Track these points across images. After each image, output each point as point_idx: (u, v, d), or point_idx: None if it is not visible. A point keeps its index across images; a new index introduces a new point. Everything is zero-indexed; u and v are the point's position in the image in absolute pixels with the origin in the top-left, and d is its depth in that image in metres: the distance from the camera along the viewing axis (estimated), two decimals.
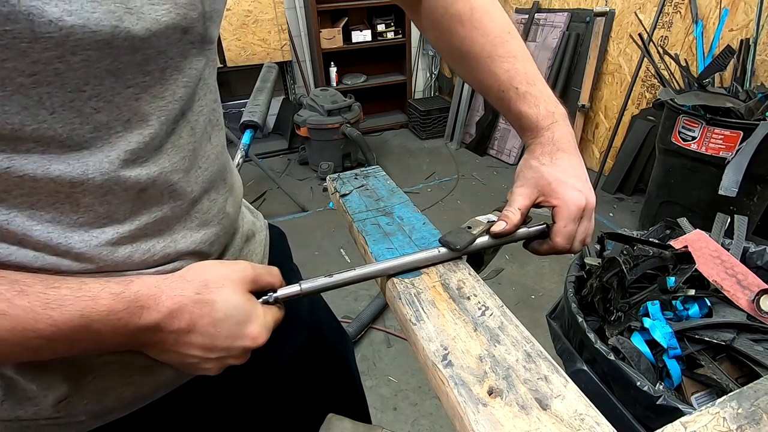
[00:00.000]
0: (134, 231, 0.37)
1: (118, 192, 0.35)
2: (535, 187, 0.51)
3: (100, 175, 0.33)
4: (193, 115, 0.40)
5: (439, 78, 4.17)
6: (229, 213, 0.48)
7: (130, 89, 0.33)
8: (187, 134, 0.39)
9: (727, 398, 0.40)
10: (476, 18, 0.52)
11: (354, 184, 0.89)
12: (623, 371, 0.74)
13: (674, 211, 1.98)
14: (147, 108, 0.34)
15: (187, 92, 0.38)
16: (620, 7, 2.60)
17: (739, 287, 0.88)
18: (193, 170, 0.41)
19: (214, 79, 0.45)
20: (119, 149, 0.34)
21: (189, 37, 0.36)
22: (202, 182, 0.43)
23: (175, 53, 0.35)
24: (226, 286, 0.38)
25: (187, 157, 0.40)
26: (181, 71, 0.36)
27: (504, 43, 0.52)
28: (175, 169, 0.39)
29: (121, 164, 0.34)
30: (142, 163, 0.36)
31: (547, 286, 2.03)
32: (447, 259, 0.61)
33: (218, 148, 0.46)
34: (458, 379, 0.43)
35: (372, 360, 1.69)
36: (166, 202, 0.39)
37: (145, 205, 0.37)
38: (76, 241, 0.34)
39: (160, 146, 0.37)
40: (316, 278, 0.55)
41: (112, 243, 0.36)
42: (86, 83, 0.30)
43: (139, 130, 0.34)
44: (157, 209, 0.38)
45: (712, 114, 1.80)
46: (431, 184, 3.05)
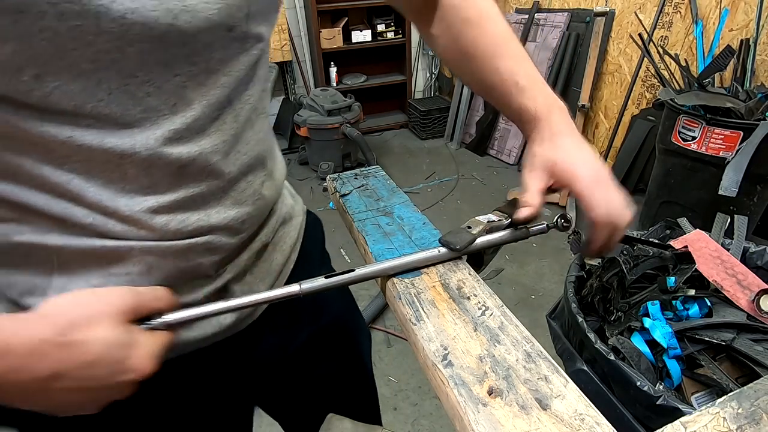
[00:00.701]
0: (172, 202, 0.40)
1: (161, 166, 0.38)
2: (544, 171, 0.52)
3: (145, 150, 0.37)
4: (239, 103, 0.43)
5: (439, 78, 4.17)
6: (265, 195, 0.51)
7: (177, 77, 0.37)
8: (231, 120, 0.43)
9: (727, 398, 0.40)
10: (483, 22, 0.56)
11: (354, 184, 0.89)
12: (623, 371, 0.74)
13: (674, 211, 1.98)
14: (192, 94, 0.38)
15: (232, 82, 0.41)
16: (620, 7, 2.60)
17: (739, 287, 0.88)
18: (233, 153, 0.44)
19: (265, 71, 0.48)
20: (164, 129, 0.37)
21: (233, 34, 0.39)
22: (240, 165, 0.45)
23: (219, 47, 0.39)
24: (99, 323, 0.33)
25: (228, 140, 0.43)
26: (226, 63, 0.40)
27: (507, 44, 0.56)
28: (215, 150, 0.42)
29: (165, 142, 0.38)
30: (185, 143, 0.39)
31: (547, 286, 2.02)
32: (447, 259, 0.61)
33: (260, 134, 0.49)
34: (458, 379, 0.43)
35: (372, 360, 1.69)
36: (204, 179, 0.42)
37: (184, 181, 0.41)
38: (122, 205, 0.38)
39: (203, 129, 0.40)
40: (316, 278, 0.55)
41: (152, 210, 0.39)
42: (139, 70, 0.34)
43: (183, 113, 0.38)
44: (195, 185, 0.42)
45: (712, 114, 1.80)
46: (431, 184, 3.05)
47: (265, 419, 0.75)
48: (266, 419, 0.75)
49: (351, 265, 1.15)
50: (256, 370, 0.60)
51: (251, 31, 0.41)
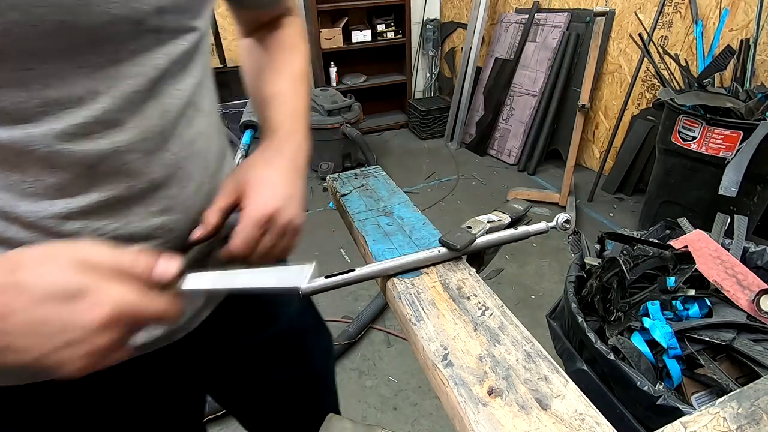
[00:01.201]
0: (84, 207, 0.38)
1: (66, 165, 0.36)
2: (236, 186, 0.48)
3: (44, 147, 0.34)
4: (165, 98, 0.41)
5: (439, 78, 4.17)
6: (198, 203, 0.47)
7: (82, 69, 0.35)
8: (157, 116, 0.40)
9: (727, 398, 0.40)
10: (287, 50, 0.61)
11: (354, 184, 0.89)
12: (623, 371, 0.74)
13: (674, 211, 1.98)
14: (100, 86, 0.36)
15: (151, 73, 0.39)
16: (620, 7, 2.60)
17: (739, 287, 0.88)
18: (159, 152, 0.41)
19: (203, 65, 0.46)
20: (65, 122, 0.35)
21: (143, 27, 0.37)
22: (168, 166, 0.42)
23: (128, 39, 0.37)
24: (51, 264, 0.31)
25: (151, 138, 0.40)
26: (138, 54, 0.38)
27: (296, 79, 0.60)
28: (133, 148, 0.39)
29: (68, 137, 0.35)
30: (93, 138, 0.36)
31: (547, 286, 2.03)
32: (447, 259, 0.61)
33: (201, 135, 0.46)
34: (458, 379, 0.43)
35: (372, 360, 1.69)
36: (121, 181, 0.39)
37: (97, 182, 0.38)
38: (24, 211, 0.35)
39: (116, 123, 0.38)
40: (315, 279, 0.55)
41: (60, 216, 0.37)
42: (34, 62, 0.33)
43: (89, 105, 0.36)
44: (110, 187, 0.39)
45: (712, 114, 1.80)
46: (431, 184, 3.05)
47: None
48: None
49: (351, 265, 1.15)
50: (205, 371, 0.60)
51: (167, 24, 0.40)
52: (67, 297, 0.30)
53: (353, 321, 1.79)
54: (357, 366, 1.67)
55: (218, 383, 0.66)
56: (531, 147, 3.14)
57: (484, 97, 3.43)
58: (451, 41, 3.96)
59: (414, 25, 3.79)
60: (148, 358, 0.48)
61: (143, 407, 0.53)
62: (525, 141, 3.17)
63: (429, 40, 3.94)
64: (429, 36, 3.93)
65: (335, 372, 0.83)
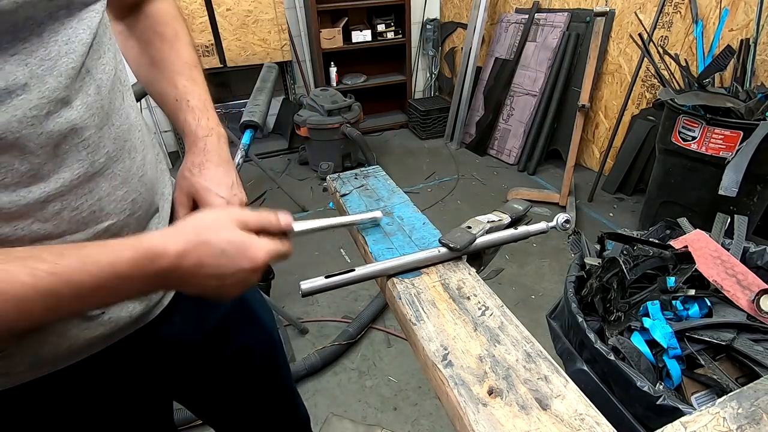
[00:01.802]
0: (60, 188, 0.41)
1: (34, 148, 0.38)
2: (189, 196, 0.57)
3: (11, 134, 0.37)
4: (97, 73, 0.44)
5: (439, 78, 4.17)
6: (148, 172, 0.53)
7: (15, 57, 0.37)
8: (94, 92, 0.44)
9: (727, 398, 0.40)
10: (176, 43, 0.62)
11: (354, 184, 0.89)
12: (623, 371, 0.74)
13: (674, 211, 1.98)
14: (39, 69, 0.38)
15: (79, 49, 0.41)
16: (620, 7, 2.60)
17: (739, 287, 0.88)
18: (107, 127, 0.45)
19: (110, 38, 0.49)
20: (23, 108, 0.37)
21: (54, 3, 0.39)
22: (116, 139, 0.47)
23: (46, 20, 0.39)
24: (216, 228, 0.44)
25: (96, 113, 0.44)
26: (59, 32, 0.40)
27: (192, 69, 0.62)
28: (86, 125, 0.42)
29: (30, 120, 0.38)
30: (52, 118, 0.39)
31: (547, 286, 2.03)
32: (447, 259, 0.61)
33: (132, 108, 0.51)
34: (458, 379, 0.43)
35: (372, 360, 1.69)
36: (85, 157, 0.43)
37: (65, 161, 0.41)
38: (5, 202, 0.38)
39: (66, 102, 0.41)
40: (315, 279, 0.55)
41: (41, 201, 0.40)
42: None
43: (38, 88, 0.38)
44: (78, 165, 0.42)
45: (712, 114, 1.80)
46: (431, 184, 3.05)
47: None
48: None
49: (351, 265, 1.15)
50: (169, 360, 0.63)
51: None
52: (236, 251, 0.43)
53: (353, 321, 1.79)
54: (357, 366, 1.67)
55: (183, 369, 0.67)
56: (531, 147, 3.14)
57: (484, 97, 3.43)
58: (451, 41, 3.96)
59: (414, 25, 3.79)
60: (127, 343, 0.54)
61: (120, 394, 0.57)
62: (525, 141, 3.17)
63: (429, 40, 3.94)
64: (429, 36, 3.93)
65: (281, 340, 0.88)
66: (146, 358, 0.58)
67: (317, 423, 1.43)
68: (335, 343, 1.70)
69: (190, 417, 1.41)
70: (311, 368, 1.62)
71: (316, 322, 1.88)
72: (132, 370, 0.57)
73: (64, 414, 0.52)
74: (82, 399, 0.52)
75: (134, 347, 0.55)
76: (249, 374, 0.77)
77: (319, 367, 1.64)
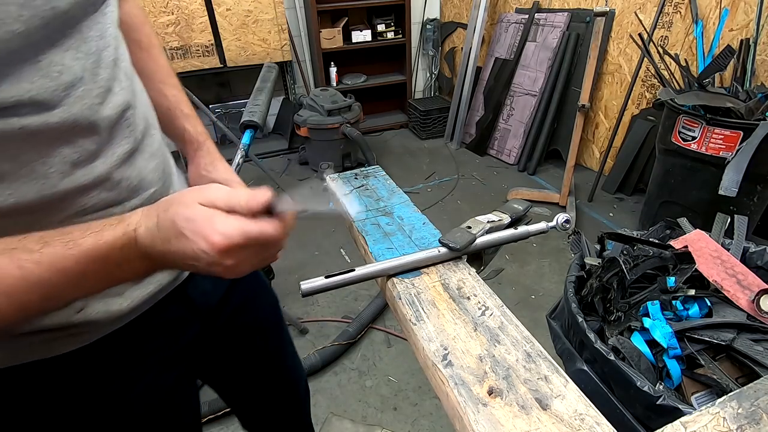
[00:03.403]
0: (116, 162, 0.47)
1: (99, 131, 0.45)
2: None
3: (84, 120, 0.43)
4: (121, 61, 0.50)
5: (439, 78, 4.17)
6: (163, 146, 0.59)
7: (68, 52, 0.41)
8: (124, 78, 0.50)
9: (727, 398, 0.40)
10: (152, 50, 0.66)
11: (354, 184, 0.89)
12: (623, 371, 0.74)
13: (674, 211, 1.98)
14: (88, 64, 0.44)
15: (112, 43, 0.47)
16: (620, 7, 2.60)
17: (739, 287, 0.88)
18: (136, 108, 0.51)
19: (116, 25, 0.53)
20: (89, 97, 0.43)
21: (87, 0, 0.44)
22: (143, 119, 0.53)
23: (80, 15, 0.43)
24: (177, 205, 0.40)
25: (130, 98, 0.50)
26: (92, 28, 0.45)
27: (171, 77, 0.68)
28: (126, 107, 0.49)
29: (96, 108, 0.44)
30: (107, 105, 0.45)
31: (547, 286, 2.02)
32: (447, 259, 0.61)
33: (143, 91, 0.57)
34: (458, 379, 0.43)
35: (372, 360, 1.69)
36: (129, 134, 0.49)
37: (118, 140, 0.48)
38: (80, 176, 0.44)
39: (110, 89, 0.46)
40: (316, 279, 0.55)
41: (104, 174, 0.46)
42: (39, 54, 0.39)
43: (94, 79, 0.44)
44: (126, 141, 0.49)
45: (712, 114, 1.80)
46: (431, 184, 3.05)
47: None
48: None
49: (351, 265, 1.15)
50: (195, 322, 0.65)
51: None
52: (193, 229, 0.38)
53: (353, 321, 1.79)
54: (357, 366, 1.67)
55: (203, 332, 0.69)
56: (531, 147, 3.14)
57: (484, 97, 3.43)
58: (451, 41, 3.96)
59: (414, 25, 3.79)
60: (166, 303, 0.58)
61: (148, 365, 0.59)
62: (525, 141, 3.17)
63: (429, 40, 3.94)
64: (429, 36, 3.93)
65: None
66: (179, 318, 0.62)
67: (317, 423, 1.43)
68: (335, 343, 1.70)
69: (212, 408, 1.40)
70: (311, 368, 1.62)
71: (316, 322, 1.88)
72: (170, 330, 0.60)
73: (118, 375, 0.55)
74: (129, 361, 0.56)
75: (171, 306, 0.59)
76: (256, 338, 0.79)
77: (319, 367, 1.64)
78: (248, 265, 0.41)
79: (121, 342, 0.53)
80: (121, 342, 0.53)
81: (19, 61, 0.37)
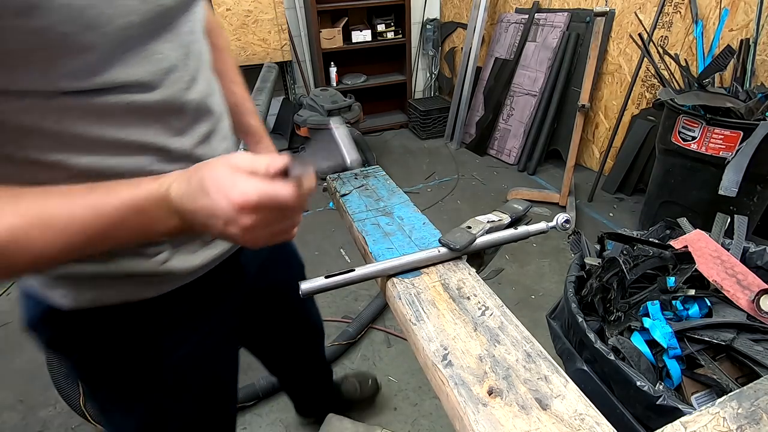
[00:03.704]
0: (201, 138, 0.55)
1: (188, 110, 0.52)
2: None
3: (177, 101, 0.50)
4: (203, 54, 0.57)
5: (439, 78, 4.17)
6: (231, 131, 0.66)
7: (167, 44, 0.48)
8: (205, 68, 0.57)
9: (727, 398, 0.40)
10: (224, 53, 0.75)
11: (354, 184, 0.89)
12: (623, 371, 0.74)
13: (674, 211, 1.98)
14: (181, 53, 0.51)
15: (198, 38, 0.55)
16: (620, 7, 2.60)
17: (739, 287, 0.88)
18: (215, 95, 0.60)
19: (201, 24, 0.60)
20: (181, 82, 0.51)
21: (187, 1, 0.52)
22: (218, 105, 0.60)
23: (177, 12, 0.50)
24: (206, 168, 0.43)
25: (209, 86, 0.57)
26: (185, 24, 0.52)
27: (237, 76, 0.78)
28: (207, 94, 0.56)
29: (185, 92, 0.51)
30: (193, 91, 0.53)
31: (547, 286, 2.02)
32: (447, 259, 0.61)
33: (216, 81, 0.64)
34: (458, 379, 0.43)
35: (372, 360, 1.69)
36: (209, 117, 0.57)
37: (201, 120, 0.55)
38: (177, 146, 0.52)
39: (196, 78, 0.54)
40: (316, 278, 0.55)
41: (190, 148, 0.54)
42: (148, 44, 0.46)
43: (185, 68, 0.51)
44: (207, 122, 0.57)
45: (712, 114, 1.80)
46: (431, 184, 3.05)
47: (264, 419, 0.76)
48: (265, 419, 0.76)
49: (351, 265, 1.15)
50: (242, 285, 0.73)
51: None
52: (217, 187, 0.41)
53: (353, 321, 1.79)
54: (357, 366, 1.67)
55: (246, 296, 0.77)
56: (531, 147, 3.14)
57: (484, 97, 3.43)
58: (451, 41, 3.96)
59: (414, 25, 3.79)
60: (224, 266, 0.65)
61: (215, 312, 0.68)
62: (525, 141, 3.17)
63: (429, 40, 3.94)
64: (429, 36, 3.92)
65: None
66: (231, 281, 0.69)
67: (317, 423, 1.43)
68: (335, 343, 1.70)
69: None
70: None
71: None
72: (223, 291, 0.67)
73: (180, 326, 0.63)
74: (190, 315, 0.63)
75: (225, 270, 0.66)
76: (290, 294, 0.86)
77: None
78: (264, 232, 0.44)
79: (186, 297, 0.60)
80: (187, 297, 0.60)
81: (132, 47, 0.44)
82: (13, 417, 1.51)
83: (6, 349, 1.79)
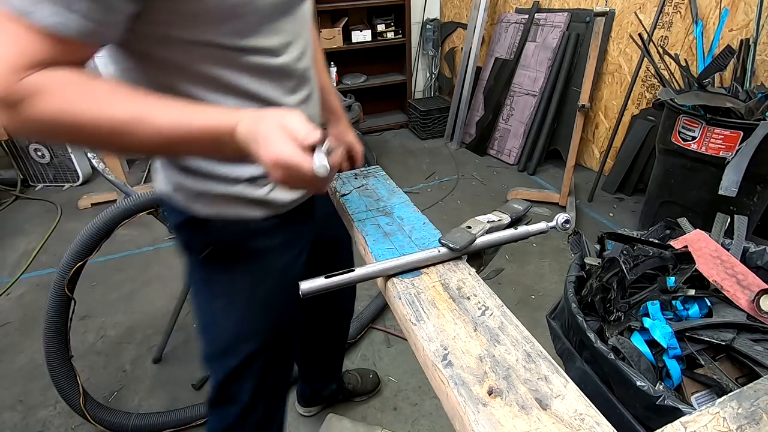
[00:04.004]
0: (302, 99, 0.70)
1: (295, 75, 0.67)
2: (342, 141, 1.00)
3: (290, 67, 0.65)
4: (307, 35, 0.70)
5: (439, 78, 4.17)
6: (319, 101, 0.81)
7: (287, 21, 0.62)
8: (309, 47, 0.71)
9: (727, 398, 0.40)
10: (316, 43, 0.85)
11: (354, 184, 0.89)
12: (623, 371, 0.74)
13: (674, 211, 1.98)
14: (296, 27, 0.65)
15: (307, 25, 0.69)
16: (620, 7, 2.60)
17: (739, 287, 0.88)
18: (313, 68, 0.74)
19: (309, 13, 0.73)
20: (293, 53, 0.65)
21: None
22: (313, 77, 0.74)
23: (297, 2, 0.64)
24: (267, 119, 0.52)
25: (311, 61, 0.73)
26: (299, 12, 0.65)
27: (324, 64, 0.94)
28: (308, 66, 0.70)
29: (296, 62, 0.66)
30: (302, 61, 0.68)
31: (547, 286, 2.02)
32: (447, 259, 0.61)
33: None
34: (458, 379, 0.43)
35: (372, 360, 1.69)
36: (308, 84, 0.71)
37: (302, 86, 0.69)
38: (285, 102, 0.66)
39: (305, 52, 0.68)
40: (316, 279, 0.55)
41: (296, 105, 0.68)
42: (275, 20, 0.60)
43: (298, 45, 0.66)
44: (305, 88, 0.70)
45: (712, 114, 1.80)
46: (431, 184, 3.05)
47: None
48: None
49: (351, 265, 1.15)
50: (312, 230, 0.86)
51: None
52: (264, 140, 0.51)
53: (353, 321, 1.79)
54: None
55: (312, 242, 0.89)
56: (531, 147, 3.14)
57: (484, 97, 3.43)
58: (451, 41, 3.96)
59: (414, 25, 3.79)
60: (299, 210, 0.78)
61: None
62: (525, 141, 3.17)
63: (429, 40, 3.94)
64: (429, 36, 3.92)
65: None
66: (308, 220, 0.82)
67: (317, 422, 1.43)
68: None
69: (195, 415, 1.41)
70: None
71: None
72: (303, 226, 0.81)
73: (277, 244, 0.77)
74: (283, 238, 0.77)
75: (304, 211, 0.79)
76: (341, 250, 1.05)
77: None
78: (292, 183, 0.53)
79: (281, 224, 0.75)
80: (281, 224, 0.75)
81: (267, 22, 0.59)
82: (13, 417, 1.51)
83: (6, 349, 1.79)
